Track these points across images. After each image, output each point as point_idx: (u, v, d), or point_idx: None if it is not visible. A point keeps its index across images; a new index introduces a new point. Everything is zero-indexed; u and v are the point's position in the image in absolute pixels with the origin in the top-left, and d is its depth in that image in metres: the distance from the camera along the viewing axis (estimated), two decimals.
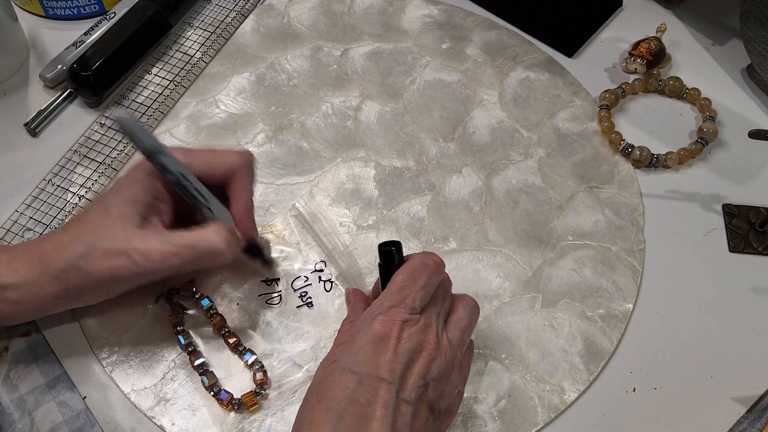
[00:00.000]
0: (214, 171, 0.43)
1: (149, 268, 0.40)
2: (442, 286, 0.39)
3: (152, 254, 0.40)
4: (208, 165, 0.43)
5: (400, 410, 0.35)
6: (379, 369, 0.35)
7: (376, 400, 0.34)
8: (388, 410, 0.34)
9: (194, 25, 0.62)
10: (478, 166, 0.55)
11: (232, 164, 0.43)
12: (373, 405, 0.34)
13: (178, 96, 0.57)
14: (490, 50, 0.62)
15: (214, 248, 0.41)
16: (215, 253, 0.41)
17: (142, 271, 0.40)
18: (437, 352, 0.36)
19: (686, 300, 0.49)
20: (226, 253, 0.41)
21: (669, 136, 0.57)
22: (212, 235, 0.41)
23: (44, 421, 0.42)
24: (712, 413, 0.44)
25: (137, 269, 0.40)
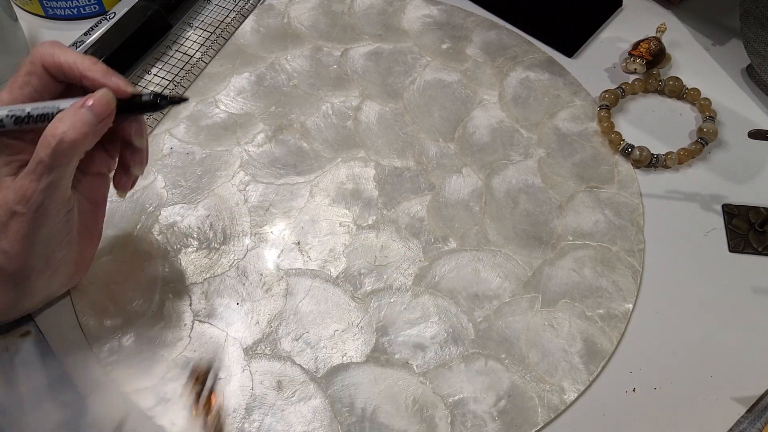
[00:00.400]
0: (33, 87, 0.38)
1: (29, 208, 0.36)
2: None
3: (14, 196, 0.36)
4: (21, 89, 0.38)
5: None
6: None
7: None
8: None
9: (194, 25, 0.62)
10: (478, 166, 0.55)
11: (39, 60, 0.37)
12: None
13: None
14: (490, 50, 0.62)
15: (68, 123, 0.35)
16: (78, 125, 0.35)
17: (33, 221, 0.37)
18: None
19: (686, 300, 0.49)
20: (88, 116, 0.36)
21: (669, 136, 0.57)
22: (57, 121, 0.36)
23: (44, 421, 0.42)
24: (712, 413, 0.44)
25: (27, 223, 0.37)
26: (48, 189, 0.36)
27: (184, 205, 0.52)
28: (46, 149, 0.35)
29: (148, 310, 0.47)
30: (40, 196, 0.36)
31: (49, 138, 0.35)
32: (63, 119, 0.36)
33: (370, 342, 0.46)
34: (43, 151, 0.35)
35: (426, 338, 0.46)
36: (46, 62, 0.37)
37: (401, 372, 0.45)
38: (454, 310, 0.48)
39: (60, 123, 0.35)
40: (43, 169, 0.35)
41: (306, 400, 0.44)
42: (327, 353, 0.46)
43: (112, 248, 0.49)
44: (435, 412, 0.44)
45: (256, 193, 0.52)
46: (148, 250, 0.49)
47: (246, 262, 0.49)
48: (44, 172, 0.36)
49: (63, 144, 0.35)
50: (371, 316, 0.47)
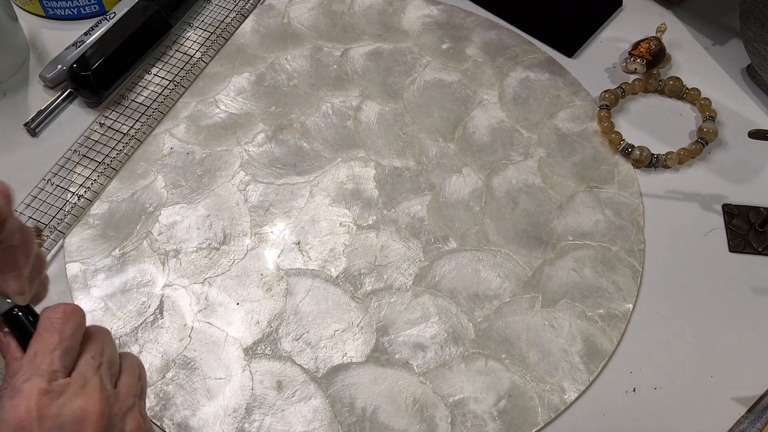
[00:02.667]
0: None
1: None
2: (96, 339, 0.32)
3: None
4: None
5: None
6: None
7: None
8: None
9: (194, 25, 0.62)
10: (478, 166, 0.55)
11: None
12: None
13: (178, 96, 0.57)
14: (490, 50, 0.62)
15: None
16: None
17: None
18: (106, 414, 0.29)
19: (686, 300, 0.49)
20: None
21: (669, 136, 0.57)
22: None
23: None
24: (712, 413, 0.44)
25: None
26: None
27: (184, 205, 0.52)
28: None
29: (148, 310, 0.47)
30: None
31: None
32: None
33: (370, 342, 0.46)
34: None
35: (426, 338, 0.46)
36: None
37: (401, 372, 0.45)
38: (454, 310, 0.48)
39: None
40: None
41: (306, 400, 0.44)
42: (327, 353, 0.46)
43: (112, 248, 0.49)
44: (435, 412, 0.44)
45: (256, 193, 0.52)
46: (149, 250, 0.49)
47: (246, 262, 0.49)
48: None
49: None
50: (371, 316, 0.47)
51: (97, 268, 0.48)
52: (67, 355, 0.30)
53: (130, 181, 0.53)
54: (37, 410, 0.28)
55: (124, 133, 0.55)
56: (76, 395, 0.29)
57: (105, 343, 0.32)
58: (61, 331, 0.30)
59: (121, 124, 0.55)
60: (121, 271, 0.48)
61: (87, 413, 0.29)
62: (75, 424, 0.28)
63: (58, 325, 0.31)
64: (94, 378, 0.30)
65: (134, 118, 0.55)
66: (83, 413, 0.29)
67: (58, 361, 0.30)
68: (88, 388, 0.29)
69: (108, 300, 0.47)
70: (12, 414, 0.28)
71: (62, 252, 0.49)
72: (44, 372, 0.29)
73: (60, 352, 0.30)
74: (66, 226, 0.50)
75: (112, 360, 0.32)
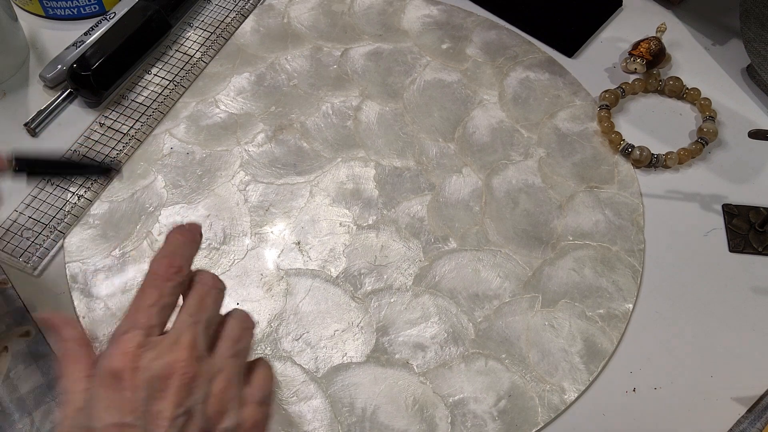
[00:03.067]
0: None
1: None
2: (197, 294, 0.33)
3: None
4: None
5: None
6: (122, 413, 0.29)
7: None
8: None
9: (194, 26, 0.62)
10: (478, 166, 0.55)
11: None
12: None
13: (178, 96, 0.57)
14: (490, 50, 0.62)
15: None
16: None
17: None
18: (194, 368, 0.30)
19: (686, 300, 0.49)
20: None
21: (669, 136, 0.57)
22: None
23: (44, 422, 0.42)
24: (712, 413, 0.44)
25: None
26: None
27: (184, 205, 0.52)
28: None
29: None
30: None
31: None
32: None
33: (370, 342, 0.46)
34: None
35: (426, 338, 0.46)
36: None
37: (401, 372, 0.45)
38: (454, 310, 0.48)
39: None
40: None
41: (306, 400, 0.44)
42: (327, 353, 0.46)
43: (112, 248, 0.49)
44: (435, 412, 0.44)
45: (256, 193, 0.52)
46: (149, 250, 0.49)
47: (246, 262, 0.49)
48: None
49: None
50: (371, 316, 0.47)
51: (97, 268, 0.48)
52: (165, 312, 0.32)
53: (130, 181, 0.53)
54: (132, 361, 0.30)
55: (124, 133, 0.55)
56: (167, 351, 0.30)
57: (204, 301, 0.33)
58: (161, 287, 0.32)
59: (121, 124, 0.55)
60: (121, 271, 0.48)
61: (174, 369, 0.30)
62: (162, 378, 0.30)
63: (160, 281, 0.32)
64: (186, 335, 0.31)
65: (134, 118, 0.55)
66: (171, 368, 0.30)
67: (156, 317, 0.31)
68: (180, 345, 0.31)
69: (108, 300, 0.47)
70: (109, 362, 0.30)
71: (62, 252, 0.49)
72: (142, 326, 0.31)
73: (158, 308, 0.32)
74: (66, 227, 0.50)
75: (210, 320, 0.33)
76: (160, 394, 0.29)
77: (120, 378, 0.29)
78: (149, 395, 0.29)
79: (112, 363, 0.30)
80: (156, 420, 0.29)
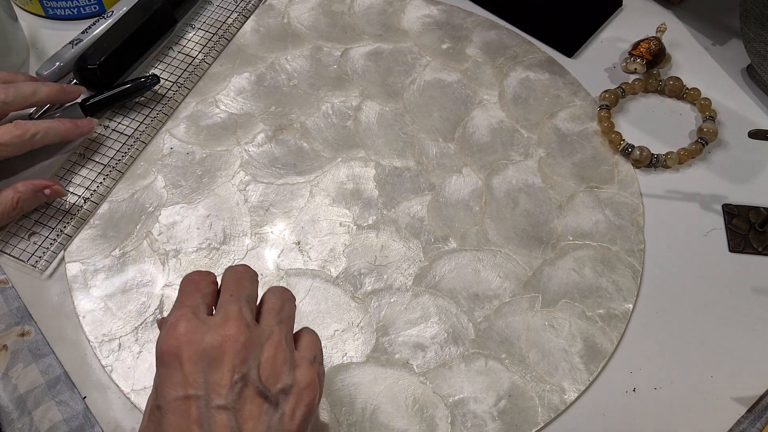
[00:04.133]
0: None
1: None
2: (232, 278, 0.36)
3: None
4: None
5: (216, 420, 0.31)
6: (184, 387, 0.31)
7: (190, 423, 0.31)
8: (203, 428, 0.31)
9: (195, 26, 0.62)
10: (478, 166, 0.55)
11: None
12: (188, 429, 0.31)
13: (182, 98, 0.57)
14: (490, 50, 0.62)
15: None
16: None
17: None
18: (244, 336, 0.32)
19: (686, 300, 0.49)
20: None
21: (669, 136, 0.57)
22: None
23: (44, 421, 0.42)
24: (712, 413, 0.44)
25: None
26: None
27: (184, 205, 0.52)
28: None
29: (148, 310, 0.47)
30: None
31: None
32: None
33: (370, 342, 0.46)
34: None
35: (426, 338, 0.46)
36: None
37: (401, 372, 0.45)
38: (454, 310, 0.48)
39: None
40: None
41: None
42: (327, 353, 0.46)
43: (112, 248, 0.49)
44: (435, 412, 0.44)
45: (256, 193, 0.52)
46: (149, 250, 0.49)
47: (246, 262, 0.49)
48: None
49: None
50: (371, 316, 0.47)
51: (97, 268, 0.48)
52: (206, 298, 0.35)
53: (130, 181, 0.53)
54: (185, 335, 0.32)
55: (129, 135, 0.55)
56: (216, 325, 0.33)
57: (241, 281, 0.36)
58: (198, 283, 0.36)
59: (126, 126, 0.55)
60: (121, 271, 0.48)
61: (225, 339, 0.32)
62: (215, 349, 0.32)
63: (195, 281, 0.36)
64: (232, 308, 0.34)
65: (138, 120, 0.55)
66: (222, 339, 0.32)
67: (199, 299, 0.35)
68: (227, 317, 0.33)
69: (108, 300, 0.47)
70: (164, 344, 0.32)
71: (62, 252, 0.49)
72: (190, 306, 0.34)
73: (200, 294, 0.35)
74: (73, 230, 0.50)
75: (250, 296, 0.35)
76: (216, 364, 0.32)
77: (177, 356, 0.32)
78: (206, 367, 0.31)
79: (168, 344, 0.32)
80: (216, 389, 0.31)
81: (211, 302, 0.35)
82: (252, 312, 0.35)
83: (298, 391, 0.33)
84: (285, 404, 0.33)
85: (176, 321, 0.33)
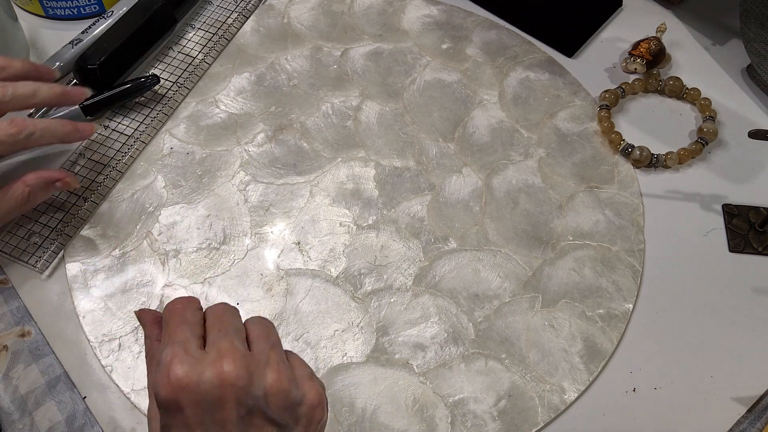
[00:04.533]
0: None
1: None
2: (215, 315, 0.35)
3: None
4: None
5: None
6: (191, 429, 0.31)
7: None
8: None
9: (196, 27, 0.62)
10: (478, 166, 0.55)
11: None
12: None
13: (182, 98, 0.57)
14: (490, 50, 0.62)
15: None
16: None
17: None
18: (243, 369, 0.31)
19: (686, 300, 0.49)
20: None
21: (669, 136, 0.57)
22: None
23: (44, 421, 0.42)
24: (712, 413, 0.44)
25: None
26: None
27: (184, 205, 0.52)
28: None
29: None
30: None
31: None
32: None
33: (370, 342, 0.46)
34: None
35: (426, 338, 0.46)
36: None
37: (401, 372, 0.45)
38: (454, 310, 0.48)
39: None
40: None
41: None
42: (327, 353, 0.46)
43: (112, 248, 0.49)
44: (435, 412, 0.44)
45: (256, 193, 0.53)
46: (149, 250, 0.49)
47: (246, 262, 0.49)
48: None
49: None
50: (371, 316, 0.47)
51: (97, 268, 0.48)
52: (194, 329, 0.33)
53: (130, 181, 0.53)
54: (182, 380, 0.30)
55: (129, 135, 0.55)
56: (213, 362, 0.31)
57: (224, 317, 0.34)
58: (182, 313, 0.34)
59: (126, 126, 0.55)
60: (121, 271, 0.48)
61: (225, 374, 0.30)
62: (217, 387, 0.30)
63: (179, 311, 0.34)
64: (224, 343, 0.32)
65: (138, 120, 0.55)
66: (222, 376, 0.30)
67: (188, 332, 0.32)
68: (222, 353, 0.31)
69: (108, 300, 0.47)
70: (161, 389, 0.30)
71: (62, 252, 0.49)
72: (180, 341, 0.32)
73: (187, 326, 0.33)
74: (73, 230, 0.50)
75: (237, 328, 0.34)
76: (219, 403, 0.30)
77: (177, 402, 0.30)
78: (209, 408, 0.30)
79: (166, 392, 0.30)
80: (223, 425, 0.30)
81: (200, 332, 0.33)
82: (243, 342, 0.33)
83: (308, 411, 0.33)
84: (297, 426, 0.32)
85: (169, 362, 0.31)
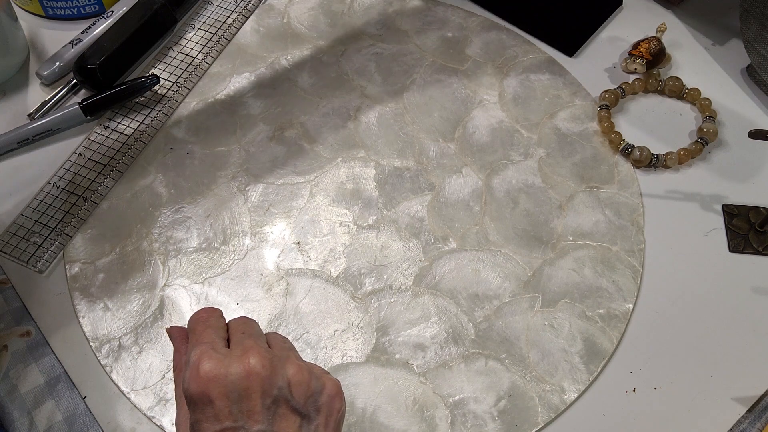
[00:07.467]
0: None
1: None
2: (237, 323, 0.37)
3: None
4: None
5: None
6: (220, 420, 0.32)
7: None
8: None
9: (196, 27, 0.62)
10: (478, 166, 0.55)
11: None
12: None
13: (182, 98, 0.57)
14: (490, 50, 0.62)
15: None
16: None
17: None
18: (267, 361, 0.33)
19: (686, 300, 0.49)
20: None
21: (669, 136, 0.57)
22: None
23: (44, 421, 0.42)
24: (712, 413, 0.44)
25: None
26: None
27: (184, 205, 0.52)
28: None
29: (148, 310, 0.47)
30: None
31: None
32: None
33: (370, 342, 0.46)
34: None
35: (426, 338, 0.46)
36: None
37: (401, 372, 0.45)
38: (454, 310, 0.48)
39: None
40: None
41: None
42: (327, 353, 0.46)
43: (112, 248, 0.49)
44: (435, 412, 0.44)
45: (256, 193, 0.53)
46: (149, 250, 0.49)
47: (246, 262, 0.49)
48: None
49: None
50: (371, 316, 0.47)
51: (97, 268, 0.48)
52: (219, 333, 0.35)
53: (130, 181, 0.53)
54: (210, 372, 0.32)
55: (129, 135, 0.55)
56: (239, 357, 0.33)
57: (247, 323, 0.37)
58: (207, 320, 0.36)
59: (126, 126, 0.55)
60: (120, 271, 0.48)
61: (251, 366, 0.33)
62: (244, 378, 0.32)
63: (203, 318, 0.36)
64: (248, 341, 0.34)
65: (138, 120, 0.55)
66: (248, 367, 0.32)
67: (214, 335, 0.35)
68: (247, 349, 0.33)
69: (108, 300, 0.47)
70: (191, 385, 0.32)
71: (62, 252, 0.49)
72: (208, 341, 0.34)
73: (212, 329, 0.35)
74: (73, 230, 0.50)
75: (258, 333, 0.36)
76: (246, 393, 0.32)
77: (207, 395, 0.32)
78: (237, 399, 0.32)
79: (196, 386, 0.32)
80: (251, 415, 0.32)
81: (225, 335, 0.36)
82: (265, 344, 0.35)
83: (328, 401, 0.34)
84: (319, 416, 0.34)
85: (198, 359, 0.33)
